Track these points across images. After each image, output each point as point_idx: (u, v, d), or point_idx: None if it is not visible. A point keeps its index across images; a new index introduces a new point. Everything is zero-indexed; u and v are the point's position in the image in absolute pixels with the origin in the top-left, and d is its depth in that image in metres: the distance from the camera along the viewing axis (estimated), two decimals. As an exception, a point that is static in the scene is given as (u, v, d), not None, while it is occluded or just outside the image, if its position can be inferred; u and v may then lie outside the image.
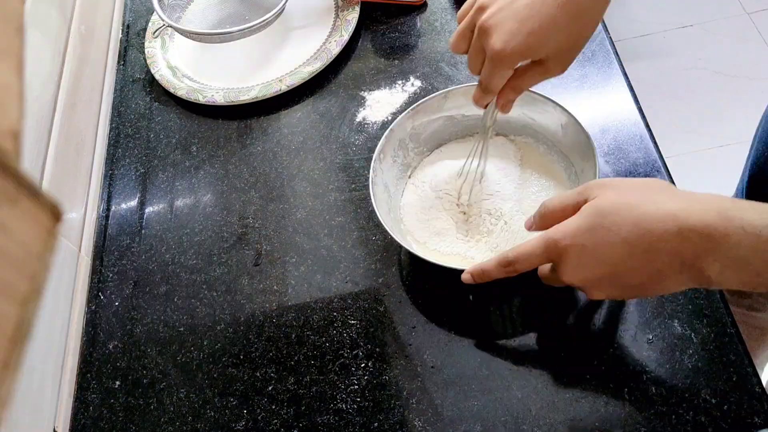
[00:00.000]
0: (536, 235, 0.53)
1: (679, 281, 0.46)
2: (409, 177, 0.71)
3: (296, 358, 0.65)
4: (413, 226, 0.67)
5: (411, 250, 0.61)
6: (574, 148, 0.65)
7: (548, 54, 0.54)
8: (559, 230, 0.50)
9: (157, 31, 0.92)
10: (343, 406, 0.61)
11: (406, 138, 0.70)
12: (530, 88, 0.59)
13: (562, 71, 0.56)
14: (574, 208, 0.50)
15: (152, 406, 0.65)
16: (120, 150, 0.85)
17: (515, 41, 0.52)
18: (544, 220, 0.54)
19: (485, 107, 0.61)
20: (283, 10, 0.86)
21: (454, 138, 0.72)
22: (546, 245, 0.50)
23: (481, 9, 0.54)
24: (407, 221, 0.68)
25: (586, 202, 0.50)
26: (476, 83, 0.58)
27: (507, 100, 0.59)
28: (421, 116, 0.70)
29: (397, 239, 0.61)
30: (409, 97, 0.81)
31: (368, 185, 0.65)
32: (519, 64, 0.56)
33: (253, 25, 0.83)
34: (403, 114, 0.68)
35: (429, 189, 0.68)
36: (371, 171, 0.65)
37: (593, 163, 0.60)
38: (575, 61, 0.55)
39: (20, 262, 0.19)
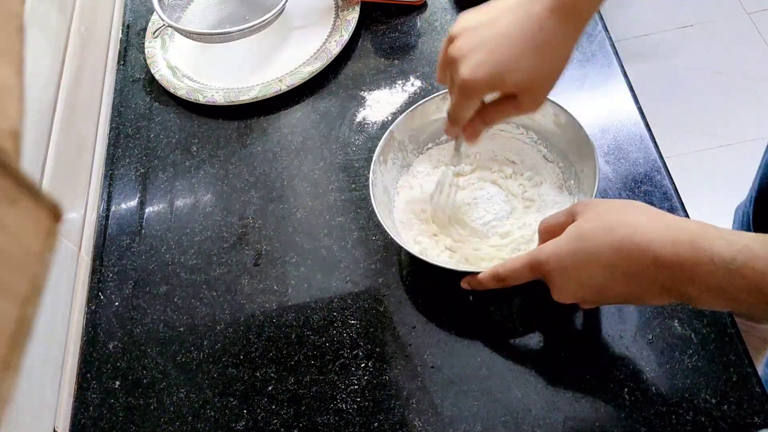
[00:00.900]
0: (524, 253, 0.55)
1: (662, 300, 0.48)
2: (404, 176, 0.71)
3: (296, 358, 0.65)
4: (411, 226, 0.67)
5: (411, 252, 0.60)
6: (573, 148, 0.65)
7: (518, 87, 0.52)
8: (544, 251, 0.52)
9: (157, 31, 0.92)
10: (343, 406, 0.61)
11: (405, 140, 0.70)
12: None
13: (534, 108, 0.54)
14: (563, 228, 0.52)
15: (152, 406, 0.65)
16: (120, 150, 0.85)
17: (482, 71, 0.51)
18: (540, 237, 0.56)
19: (455, 138, 0.60)
20: (283, 10, 0.86)
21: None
22: (531, 265, 0.53)
23: (451, 39, 0.53)
24: (405, 221, 0.68)
25: (573, 217, 0.52)
26: None
27: (474, 130, 0.57)
28: (419, 118, 0.69)
29: (397, 241, 0.61)
30: (409, 97, 0.81)
31: (368, 186, 0.65)
32: (489, 97, 0.55)
33: (253, 25, 0.83)
34: (402, 115, 0.68)
35: (419, 199, 0.69)
36: (371, 173, 0.65)
37: (593, 164, 0.60)
38: (575, 61, 0.55)
39: (20, 262, 0.19)
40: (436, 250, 0.65)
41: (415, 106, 0.68)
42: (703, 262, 0.43)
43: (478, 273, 0.58)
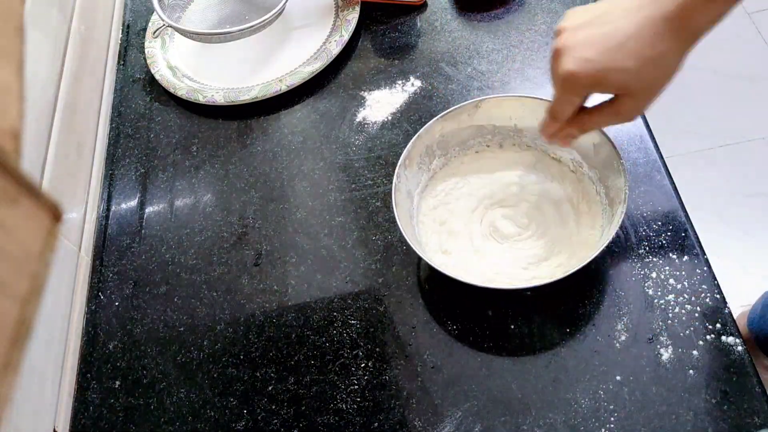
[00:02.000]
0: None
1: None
2: (429, 183, 0.70)
3: (296, 358, 0.65)
4: (431, 237, 0.66)
5: (434, 266, 0.59)
6: (604, 167, 0.64)
7: (621, 89, 0.51)
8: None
9: (157, 31, 0.92)
10: (343, 406, 0.61)
11: (433, 145, 0.68)
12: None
13: (634, 116, 0.53)
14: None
15: (152, 406, 0.65)
16: (120, 150, 0.85)
17: (587, 66, 0.49)
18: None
19: (550, 139, 0.58)
20: (283, 10, 0.86)
21: (482, 148, 0.71)
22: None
23: (559, 32, 0.52)
24: (425, 230, 0.67)
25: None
26: (511, 94, 0.57)
27: (568, 134, 0.56)
28: (451, 123, 0.68)
29: (418, 252, 0.59)
30: (409, 97, 0.81)
31: (369, 186, 0.64)
32: (590, 100, 0.54)
33: (253, 25, 0.83)
34: (433, 120, 0.67)
35: (448, 214, 0.68)
36: (395, 177, 0.64)
37: (623, 181, 0.60)
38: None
39: (20, 262, 0.19)
40: (454, 260, 0.65)
41: (448, 111, 0.67)
42: None
43: (501, 290, 0.59)
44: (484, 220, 0.67)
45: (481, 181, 0.69)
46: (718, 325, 0.59)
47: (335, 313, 0.66)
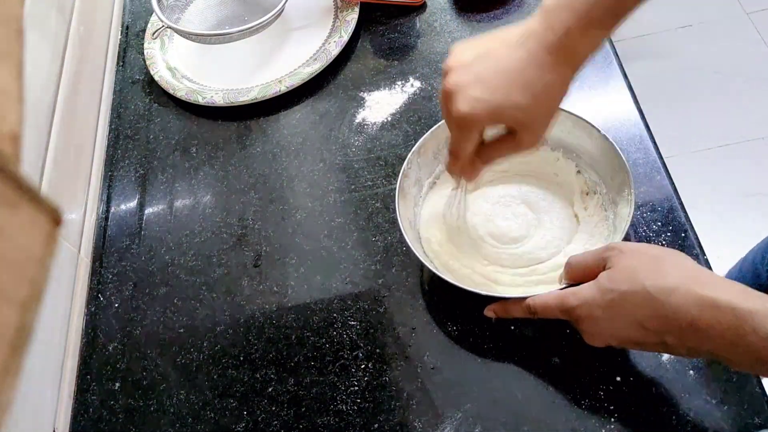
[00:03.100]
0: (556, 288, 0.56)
1: (695, 356, 0.50)
2: (433, 184, 0.69)
3: (296, 359, 0.65)
4: (434, 239, 0.66)
5: (435, 271, 0.59)
6: (608, 172, 0.64)
7: (516, 123, 0.51)
8: (577, 297, 0.52)
9: (157, 32, 0.92)
10: (343, 407, 0.61)
11: (440, 144, 0.68)
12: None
13: (533, 145, 0.53)
14: (594, 270, 0.53)
15: (152, 408, 0.65)
16: (119, 151, 0.85)
17: (478, 105, 0.50)
18: (569, 275, 0.56)
19: (457, 175, 0.59)
20: (282, 11, 0.86)
21: None
22: (563, 308, 0.53)
23: (447, 72, 0.52)
24: (427, 230, 0.66)
25: (603, 265, 0.52)
26: None
27: (473, 169, 0.57)
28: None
29: (418, 256, 0.59)
30: (409, 97, 0.81)
31: (369, 187, 0.64)
32: (488, 135, 0.54)
33: (253, 26, 0.83)
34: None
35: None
36: (405, 163, 0.64)
37: (628, 191, 0.59)
38: None
39: (20, 267, 0.19)
40: (457, 263, 0.64)
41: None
42: (746, 332, 0.43)
43: (501, 298, 0.59)
44: (487, 222, 0.67)
45: (485, 183, 0.69)
46: (718, 326, 0.59)
47: (335, 315, 0.66)
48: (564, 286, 0.56)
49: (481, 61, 0.51)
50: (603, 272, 0.51)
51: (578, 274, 0.55)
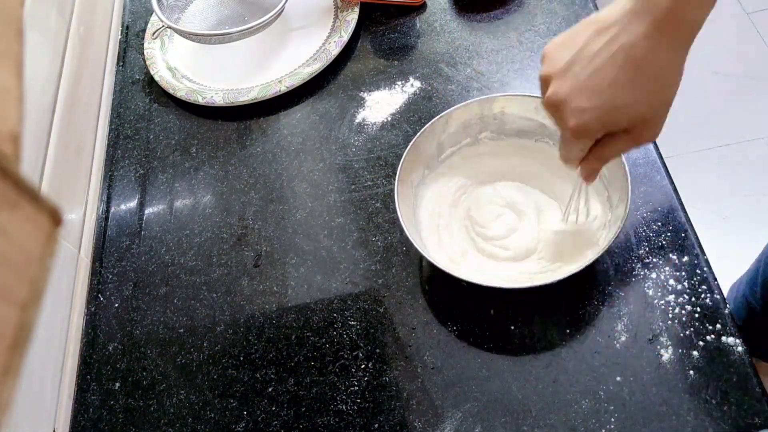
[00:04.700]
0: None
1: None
2: (431, 180, 0.69)
3: (296, 359, 0.65)
4: (431, 236, 0.66)
5: (434, 263, 0.59)
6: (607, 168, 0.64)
7: (632, 124, 0.47)
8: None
9: (157, 32, 0.92)
10: (344, 407, 0.61)
11: (490, 116, 0.67)
12: None
13: (656, 136, 0.48)
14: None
15: (152, 408, 0.65)
16: (119, 151, 0.85)
17: (589, 117, 0.46)
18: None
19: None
20: (282, 11, 0.86)
21: (486, 141, 0.70)
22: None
23: (545, 82, 0.49)
24: (426, 229, 0.67)
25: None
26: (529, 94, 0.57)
27: (591, 169, 0.53)
28: (511, 106, 0.66)
29: (420, 250, 0.59)
30: (409, 97, 0.81)
31: (369, 187, 0.64)
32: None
33: (253, 26, 0.83)
34: (495, 95, 0.66)
35: (462, 211, 0.68)
36: (429, 124, 0.65)
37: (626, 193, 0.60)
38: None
39: (20, 267, 0.19)
40: (455, 260, 0.65)
41: (511, 93, 0.66)
42: None
43: (505, 289, 0.59)
44: (485, 218, 0.67)
45: (483, 178, 0.69)
46: (718, 326, 0.59)
47: (335, 314, 0.66)
48: (589, 263, 0.56)
49: (578, 63, 0.46)
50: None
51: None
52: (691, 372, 0.57)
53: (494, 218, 0.66)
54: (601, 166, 0.53)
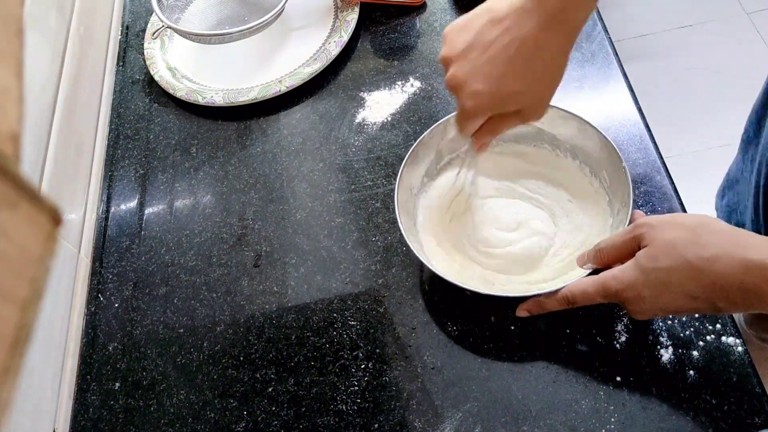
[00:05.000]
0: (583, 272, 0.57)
1: (741, 310, 0.50)
2: (431, 182, 0.69)
3: (296, 359, 0.65)
4: (431, 238, 0.66)
5: (433, 269, 0.59)
6: (599, 157, 0.64)
7: (520, 106, 0.53)
8: (617, 279, 0.52)
9: (157, 32, 0.92)
10: (344, 407, 0.61)
11: (442, 144, 0.68)
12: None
13: (539, 117, 0.55)
14: (628, 250, 0.53)
15: (152, 408, 0.65)
16: (119, 151, 0.85)
17: (481, 100, 0.51)
18: (598, 260, 0.56)
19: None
20: (282, 11, 0.86)
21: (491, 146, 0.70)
22: (605, 292, 0.53)
23: (446, 63, 0.53)
24: (425, 230, 0.67)
25: (637, 243, 0.52)
26: None
27: (483, 142, 0.59)
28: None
29: (421, 258, 0.59)
30: (409, 97, 0.81)
31: (369, 187, 0.64)
32: None
33: (253, 26, 0.83)
34: (443, 120, 0.67)
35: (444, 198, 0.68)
36: (428, 132, 0.65)
37: (620, 169, 0.60)
38: (574, 62, 0.55)
39: (20, 267, 0.19)
40: (459, 265, 0.64)
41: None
42: None
43: (501, 297, 0.59)
44: (487, 221, 0.67)
45: (485, 181, 0.69)
46: (718, 326, 0.59)
47: (335, 314, 0.66)
48: (589, 271, 0.56)
49: (475, 50, 0.51)
50: (640, 251, 0.51)
51: (611, 256, 0.54)
52: (691, 372, 0.57)
53: (495, 226, 0.66)
54: (492, 138, 0.59)
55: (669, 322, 0.59)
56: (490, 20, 0.50)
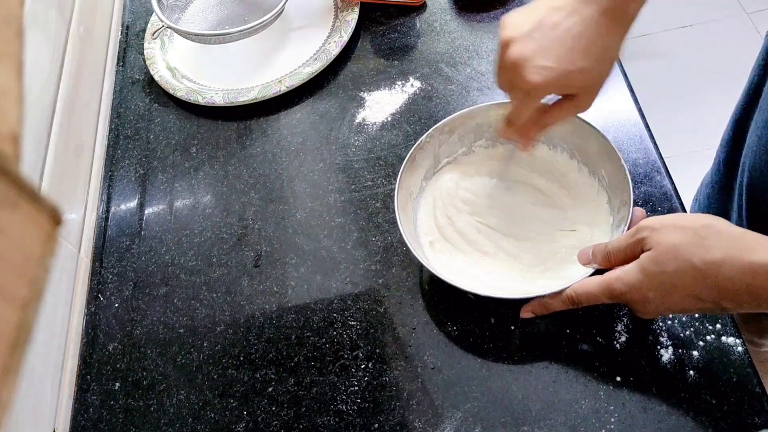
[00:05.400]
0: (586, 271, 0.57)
1: (749, 309, 0.50)
2: (430, 183, 0.69)
3: (296, 359, 0.65)
4: (431, 239, 0.66)
5: (433, 271, 0.59)
6: (598, 157, 0.64)
7: (581, 88, 0.54)
8: (622, 281, 0.52)
9: (157, 32, 0.92)
10: (344, 407, 0.61)
11: (485, 125, 0.68)
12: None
13: (590, 105, 0.56)
14: (632, 253, 0.53)
15: (152, 408, 0.65)
16: (119, 151, 0.85)
17: (549, 74, 0.52)
18: (606, 262, 0.56)
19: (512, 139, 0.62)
20: (282, 11, 0.86)
21: (489, 147, 0.70)
22: (610, 293, 0.53)
23: (506, 44, 0.54)
24: (425, 231, 0.67)
25: (641, 246, 0.52)
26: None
27: (530, 135, 0.60)
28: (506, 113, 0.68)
29: (421, 260, 0.59)
30: (409, 97, 0.81)
31: (369, 187, 0.64)
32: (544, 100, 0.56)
33: (253, 26, 0.83)
34: (490, 103, 0.67)
35: (466, 214, 0.67)
36: (425, 136, 0.65)
37: (619, 167, 0.60)
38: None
39: (20, 267, 0.19)
40: (462, 264, 0.64)
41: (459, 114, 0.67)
42: None
43: (500, 299, 0.59)
44: (486, 222, 0.67)
45: (484, 182, 0.69)
46: (718, 326, 0.59)
47: (335, 314, 0.66)
48: (592, 271, 0.56)
49: (540, 30, 0.52)
50: (644, 254, 0.51)
51: (617, 259, 0.54)
52: (691, 372, 0.57)
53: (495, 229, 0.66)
54: (540, 132, 0.59)
55: (669, 322, 0.59)
56: (551, 8, 0.53)
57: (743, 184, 0.80)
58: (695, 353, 0.58)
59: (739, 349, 0.57)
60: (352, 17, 0.87)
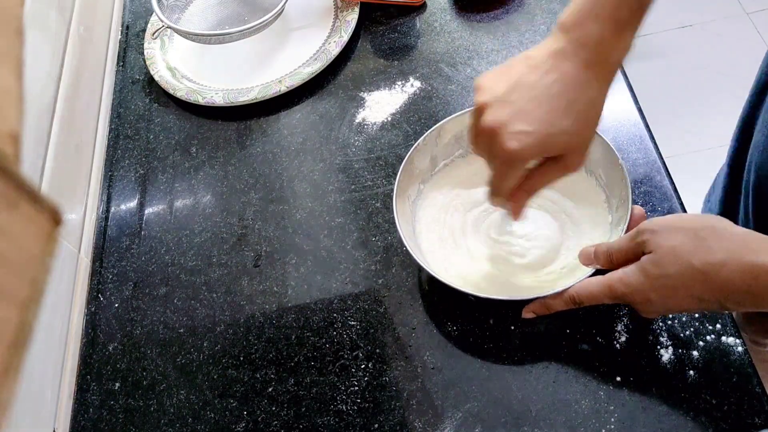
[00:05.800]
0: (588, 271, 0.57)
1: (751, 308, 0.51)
2: (428, 186, 0.69)
3: (296, 359, 0.65)
4: (431, 240, 0.66)
5: (433, 274, 0.59)
6: (606, 172, 0.64)
7: (565, 149, 0.50)
8: (624, 282, 0.52)
9: (157, 32, 0.92)
10: (344, 407, 0.61)
11: (466, 130, 0.67)
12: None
13: (581, 164, 0.52)
14: (633, 255, 0.53)
15: (152, 408, 0.65)
16: (119, 151, 0.85)
17: (528, 140, 0.48)
18: (608, 263, 0.55)
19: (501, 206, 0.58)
20: (282, 11, 0.86)
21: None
22: (612, 294, 0.53)
23: (481, 109, 0.50)
24: (424, 232, 0.67)
25: (642, 248, 0.51)
26: None
27: (520, 204, 0.55)
28: (454, 126, 0.68)
29: (420, 262, 0.59)
30: (409, 97, 0.81)
31: (369, 187, 0.64)
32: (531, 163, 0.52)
33: (253, 26, 0.83)
34: (442, 122, 0.67)
35: (462, 209, 0.67)
36: (422, 138, 0.65)
37: (619, 170, 0.60)
38: None
39: (20, 267, 0.19)
40: (460, 264, 0.64)
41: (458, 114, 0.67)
42: None
43: (498, 300, 0.59)
44: (485, 223, 0.67)
45: (482, 184, 0.69)
46: (718, 326, 0.59)
47: (335, 315, 0.66)
48: (593, 271, 0.56)
49: (517, 91, 0.49)
50: (645, 257, 0.51)
51: (620, 260, 0.54)
52: (691, 372, 0.57)
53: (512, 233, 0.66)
54: (529, 198, 0.54)
55: (669, 322, 0.59)
56: (529, 66, 0.49)
57: (750, 183, 0.80)
58: (695, 353, 0.58)
59: (739, 349, 0.57)
60: (352, 17, 0.87)
